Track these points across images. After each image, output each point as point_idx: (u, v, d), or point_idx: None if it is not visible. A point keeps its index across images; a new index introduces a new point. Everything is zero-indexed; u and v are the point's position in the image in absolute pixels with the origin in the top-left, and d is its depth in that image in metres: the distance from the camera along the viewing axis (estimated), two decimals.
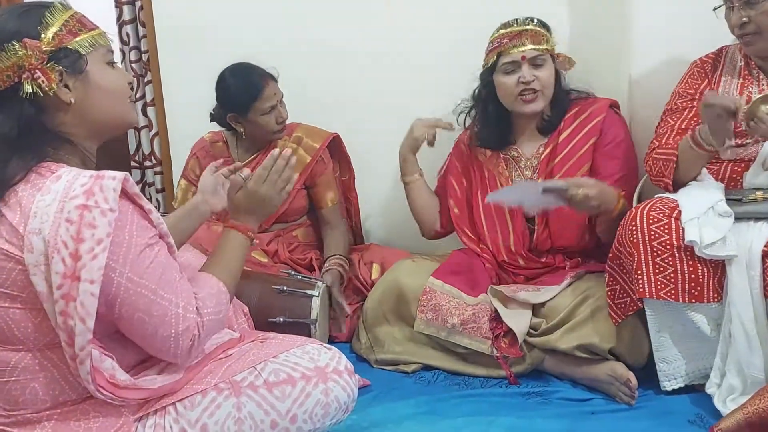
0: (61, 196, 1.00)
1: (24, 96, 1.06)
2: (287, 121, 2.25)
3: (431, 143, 1.99)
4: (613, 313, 1.67)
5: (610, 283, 1.68)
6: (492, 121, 1.98)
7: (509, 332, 1.79)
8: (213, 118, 2.26)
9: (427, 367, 1.89)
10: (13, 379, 1.07)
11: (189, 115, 2.38)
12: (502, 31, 1.90)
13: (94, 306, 0.99)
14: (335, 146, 2.35)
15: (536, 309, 1.82)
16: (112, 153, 1.24)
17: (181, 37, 2.76)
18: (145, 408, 1.12)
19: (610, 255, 1.67)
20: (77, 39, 1.11)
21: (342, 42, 2.49)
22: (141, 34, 2.97)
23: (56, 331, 1.02)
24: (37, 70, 1.06)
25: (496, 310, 1.82)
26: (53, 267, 0.98)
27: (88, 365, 1.02)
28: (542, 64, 1.87)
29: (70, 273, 0.98)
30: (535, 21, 1.90)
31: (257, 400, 1.15)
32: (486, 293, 1.87)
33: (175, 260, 1.14)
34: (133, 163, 3.15)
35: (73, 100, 1.10)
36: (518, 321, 1.77)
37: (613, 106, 1.95)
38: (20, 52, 1.05)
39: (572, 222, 1.89)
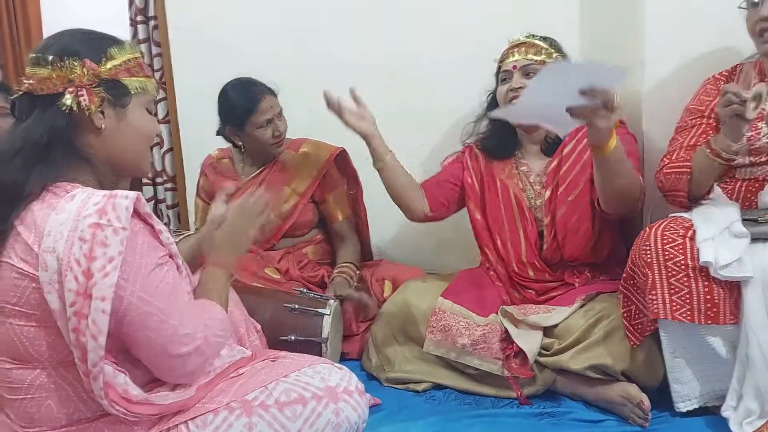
0: (75, 215, 1.02)
1: (61, 107, 1.09)
2: (293, 137, 2.27)
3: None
4: (630, 335, 1.65)
5: (625, 305, 1.66)
6: (495, 131, 2.02)
7: (520, 352, 1.77)
8: (218, 133, 2.29)
9: (437, 386, 1.88)
10: (29, 396, 1.08)
11: (202, 132, 2.40)
12: (507, 46, 1.95)
13: (105, 323, 1.00)
14: (342, 161, 2.36)
15: (548, 329, 1.80)
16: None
17: (195, 56, 2.82)
18: (158, 426, 1.12)
19: (624, 275, 1.66)
20: (131, 78, 1.17)
21: (349, 57, 2.52)
22: (155, 52, 3.02)
23: (70, 348, 1.03)
24: (83, 89, 1.10)
25: (506, 330, 1.81)
26: (66, 285, 0.99)
27: (101, 381, 1.03)
28: (534, 74, 1.86)
29: (82, 290, 0.99)
30: (538, 36, 1.93)
31: (268, 419, 1.15)
32: (496, 313, 1.86)
33: (183, 281, 1.15)
34: (144, 180, 3.18)
35: (104, 126, 1.14)
36: (529, 341, 1.76)
37: (620, 122, 1.92)
38: (76, 69, 1.10)
39: (579, 234, 1.89)
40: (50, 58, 1.11)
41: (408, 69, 2.44)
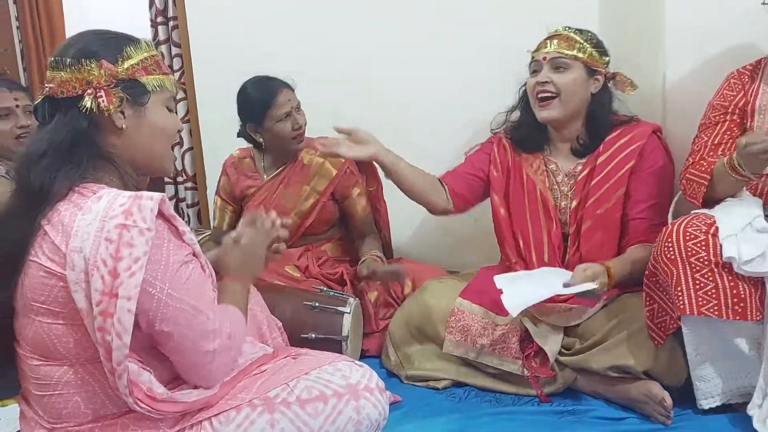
0: (102, 215, 1.03)
1: (81, 109, 1.11)
2: (313, 136, 2.27)
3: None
4: (653, 334, 1.64)
5: (648, 303, 1.65)
6: (526, 122, 1.99)
7: (540, 351, 1.77)
8: (240, 133, 2.31)
9: (457, 384, 1.88)
10: (57, 392, 1.10)
11: (221, 131, 2.43)
12: (544, 36, 1.92)
13: (130, 322, 1.02)
14: None
15: (569, 328, 1.80)
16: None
17: (214, 56, 2.85)
18: (182, 423, 1.13)
19: (646, 273, 1.64)
20: (149, 77, 1.18)
21: (371, 54, 2.52)
22: (174, 53, 3.05)
23: (96, 346, 1.05)
24: (102, 90, 1.12)
25: (526, 330, 1.80)
26: (93, 284, 1.01)
27: (126, 379, 1.04)
28: (565, 69, 1.85)
29: (108, 290, 1.01)
30: (574, 29, 1.89)
31: (290, 416, 1.16)
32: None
33: (207, 279, 1.17)
34: (166, 180, 3.22)
35: (124, 127, 1.15)
36: (550, 341, 1.76)
37: (656, 131, 1.91)
38: (94, 70, 1.12)
39: (603, 249, 1.86)
40: (68, 60, 1.12)
41: (433, 62, 2.43)
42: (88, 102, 1.11)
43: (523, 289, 1.73)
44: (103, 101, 1.11)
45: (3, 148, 2.05)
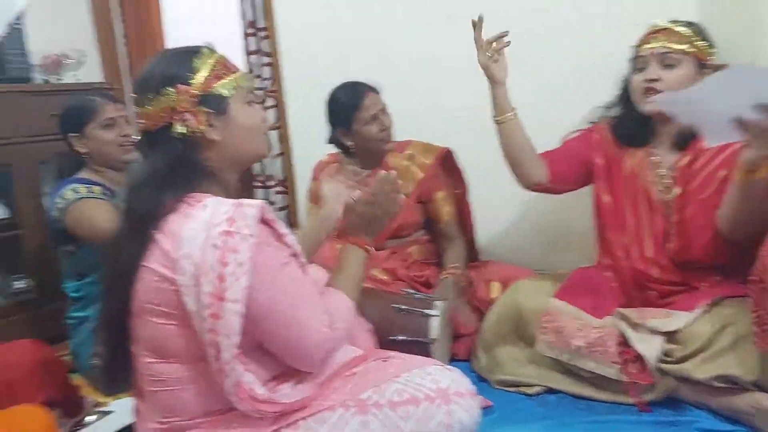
0: (207, 224, 1.10)
1: (175, 135, 1.18)
2: (399, 138, 2.30)
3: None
4: (760, 341, 1.53)
5: (755, 308, 1.55)
6: (626, 118, 1.93)
7: (639, 357, 1.70)
8: (329, 139, 2.36)
9: (550, 390, 1.84)
10: (168, 388, 1.17)
11: (310, 137, 2.50)
12: (646, 31, 1.86)
13: (238, 324, 1.07)
14: (447, 160, 2.37)
15: (670, 335, 1.71)
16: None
17: (303, 64, 2.94)
18: (279, 422, 1.17)
19: (753, 278, 1.54)
20: (222, 82, 1.22)
21: (456, 56, 2.50)
22: (264, 62, 3.15)
23: (205, 346, 1.10)
24: (187, 113, 1.18)
25: (624, 334, 1.74)
26: (202, 288, 1.07)
27: (233, 378, 1.10)
28: (674, 65, 1.78)
29: (216, 293, 1.07)
30: (681, 22, 1.81)
31: (382, 418, 1.18)
32: (612, 316, 1.79)
33: (308, 277, 1.21)
34: (256, 184, 3.34)
35: (217, 138, 1.21)
36: (649, 347, 1.68)
37: None
38: (173, 97, 1.17)
39: (708, 234, 1.76)
40: (149, 95, 1.18)
41: (522, 64, 2.39)
42: (178, 128, 1.17)
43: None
44: (191, 123, 1.18)
45: (109, 156, 2.17)
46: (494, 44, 1.86)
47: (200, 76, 1.20)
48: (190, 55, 1.22)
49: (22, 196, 2.60)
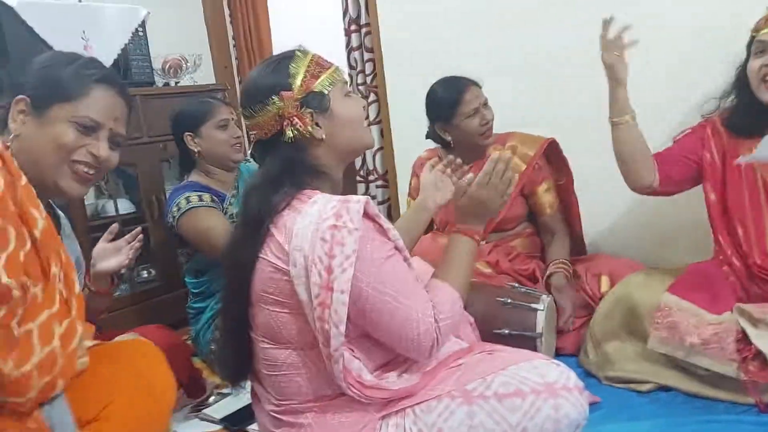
0: (316, 218, 1.15)
1: (287, 140, 1.24)
2: (499, 131, 2.28)
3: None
4: None
5: None
6: (742, 107, 1.83)
7: (759, 355, 1.61)
8: (428, 134, 2.38)
9: (662, 388, 1.78)
10: (282, 373, 1.24)
11: (411, 132, 2.53)
12: (765, 15, 1.75)
13: (345, 312, 1.12)
14: (552, 151, 2.33)
15: None
16: None
17: (405, 60, 2.97)
18: (387, 408, 1.22)
19: None
20: (319, 81, 1.27)
21: (558, 46, 2.47)
22: (367, 58, 3.22)
23: (315, 333, 1.16)
24: (294, 117, 1.24)
25: (743, 330, 1.65)
26: (312, 279, 1.13)
27: (341, 364, 1.16)
28: None
29: (325, 284, 1.12)
30: None
31: (488, 410, 1.18)
32: (731, 311, 1.71)
33: (411, 269, 1.23)
34: (358, 178, 3.42)
35: (324, 136, 1.26)
36: None
37: None
38: (278, 104, 1.24)
39: None
40: (256, 107, 1.25)
41: (634, 47, 2.31)
42: (289, 133, 1.23)
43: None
44: (299, 126, 1.23)
45: (221, 155, 2.28)
46: (621, 42, 1.78)
47: (299, 80, 1.24)
48: (286, 61, 1.27)
49: (146, 192, 2.81)
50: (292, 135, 1.24)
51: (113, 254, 1.67)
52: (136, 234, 1.73)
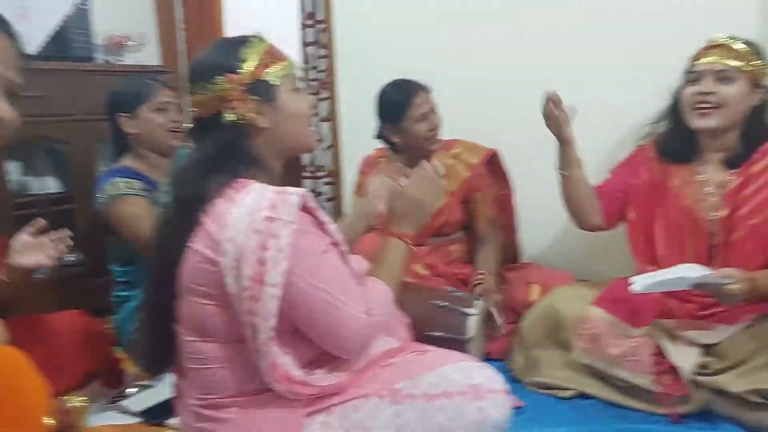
0: (251, 209, 1.13)
1: (226, 123, 1.21)
2: (445, 137, 2.31)
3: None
4: None
5: None
6: (674, 132, 1.91)
7: (674, 369, 1.69)
8: (378, 136, 2.38)
9: (583, 395, 1.84)
10: (207, 366, 1.21)
11: (361, 131, 2.53)
12: (703, 45, 1.84)
13: (275, 307, 1.10)
14: (493, 162, 2.37)
15: (707, 347, 1.70)
16: (287, 165, 1.37)
17: (358, 58, 2.97)
18: (315, 405, 1.20)
19: None
20: (270, 71, 1.24)
21: (509, 63, 2.52)
22: (320, 54, 3.19)
23: (243, 327, 1.14)
24: (236, 101, 1.21)
25: (660, 345, 1.73)
26: (243, 271, 1.10)
27: (268, 360, 1.13)
28: (729, 81, 1.76)
29: (256, 277, 1.10)
30: (740, 39, 1.79)
31: (415, 410, 1.19)
32: (650, 326, 1.78)
33: (347, 265, 1.23)
34: (306, 174, 3.39)
35: (266, 126, 1.24)
36: (685, 359, 1.67)
37: None
38: (223, 86, 1.21)
39: (754, 262, 1.75)
40: (200, 84, 1.22)
41: (574, 69, 2.39)
42: (229, 116, 1.21)
43: (654, 277, 1.69)
44: (241, 110, 1.21)
45: (157, 140, 2.18)
46: (565, 116, 1.85)
47: (249, 65, 1.22)
48: (239, 44, 1.24)
49: (77, 172, 2.69)
50: (231, 119, 1.21)
51: (33, 250, 1.58)
52: (64, 237, 1.62)
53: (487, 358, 2.07)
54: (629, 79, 2.29)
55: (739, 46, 1.77)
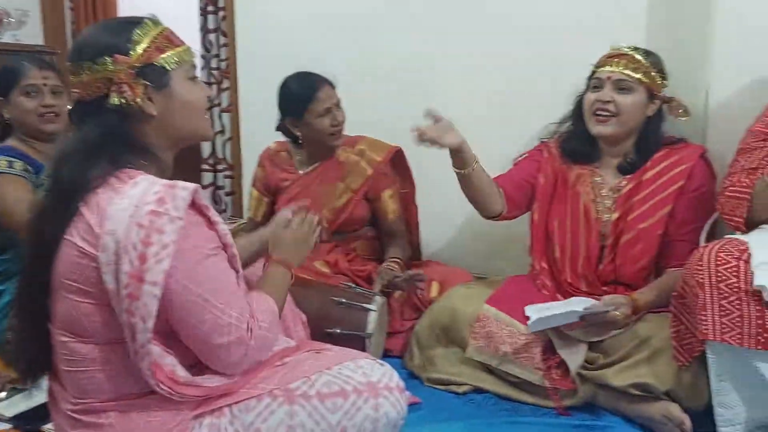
0: (136, 201, 1.06)
1: (110, 107, 1.13)
2: (351, 134, 2.30)
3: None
4: (678, 355, 1.62)
5: (674, 324, 1.63)
6: (575, 134, 1.99)
7: (562, 364, 1.76)
8: (278, 127, 2.33)
9: (478, 390, 1.88)
10: (82, 369, 1.13)
11: (262, 122, 2.47)
12: (607, 53, 1.92)
13: (155, 306, 1.04)
14: (397, 160, 2.38)
15: (593, 343, 1.79)
16: (185, 156, 1.30)
17: (260, 47, 2.89)
18: (202, 407, 1.16)
19: (675, 294, 1.62)
20: (164, 56, 1.18)
21: (414, 59, 2.53)
22: (222, 42, 3.10)
23: (122, 326, 1.07)
24: (124, 84, 1.13)
25: (550, 340, 1.80)
26: (122, 267, 1.04)
27: (148, 361, 1.07)
28: (628, 91, 1.85)
29: (136, 274, 1.03)
30: (642, 50, 1.89)
31: (309, 409, 1.17)
32: None
33: (235, 271, 1.18)
34: (206, 167, 3.28)
35: (155, 113, 1.17)
36: (573, 354, 1.75)
37: (704, 154, 1.90)
38: (110, 67, 1.13)
39: (639, 263, 1.88)
40: (85, 63, 1.14)
41: (480, 70, 2.44)
42: (114, 99, 1.13)
43: (546, 310, 1.79)
44: (128, 95, 1.13)
45: (27, 126, 2.05)
46: (430, 124, 1.78)
47: (140, 48, 1.15)
48: (131, 25, 1.17)
49: None
50: (117, 102, 1.13)
51: None
52: None
53: (387, 355, 2.09)
54: (529, 84, 2.36)
55: (640, 57, 1.87)
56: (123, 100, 1.13)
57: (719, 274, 1.48)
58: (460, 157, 1.82)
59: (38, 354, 1.20)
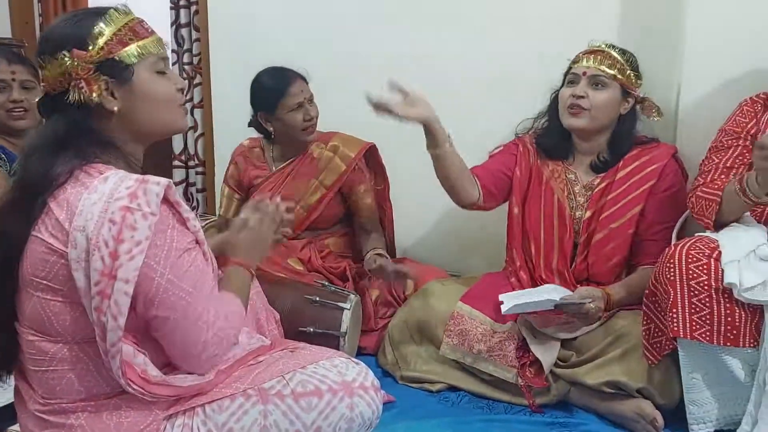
0: (107, 196, 1.03)
1: (71, 102, 1.10)
2: (324, 131, 2.28)
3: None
4: (648, 353, 1.64)
5: (645, 322, 1.65)
6: (551, 129, 2.01)
7: (536, 362, 1.78)
8: (251, 123, 2.31)
9: (452, 388, 1.89)
10: (51, 368, 1.11)
11: (235, 118, 2.43)
12: (584, 49, 1.94)
13: (126, 305, 1.02)
14: (371, 156, 2.37)
15: (566, 341, 1.81)
16: (156, 152, 1.28)
17: (233, 43, 2.85)
18: (175, 407, 1.14)
19: (647, 292, 1.64)
20: (126, 49, 1.13)
21: (391, 53, 2.52)
22: (194, 37, 3.05)
23: (92, 325, 1.05)
24: (82, 80, 1.09)
25: (524, 339, 1.81)
26: (92, 264, 1.01)
27: (119, 360, 1.05)
28: (602, 87, 1.87)
29: (107, 271, 1.01)
30: (618, 48, 1.91)
31: (283, 409, 1.16)
32: (515, 321, 1.86)
33: (209, 268, 1.16)
34: (177, 163, 3.23)
35: (116, 109, 1.14)
36: (546, 352, 1.76)
37: (675, 154, 1.93)
38: (68, 62, 1.09)
39: (611, 262, 1.90)
40: (46, 57, 1.11)
41: (456, 66, 2.43)
42: (74, 95, 1.10)
43: (521, 297, 1.79)
44: (85, 91, 1.10)
45: None
46: (395, 96, 1.71)
47: (101, 41, 1.11)
48: (94, 17, 1.13)
49: None
50: (76, 98, 1.10)
51: None
52: None
53: (360, 353, 2.08)
54: (507, 79, 2.37)
55: (616, 54, 1.89)
56: (81, 96, 1.10)
57: (690, 272, 1.51)
58: (431, 134, 1.76)
59: (4, 353, 1.16)
